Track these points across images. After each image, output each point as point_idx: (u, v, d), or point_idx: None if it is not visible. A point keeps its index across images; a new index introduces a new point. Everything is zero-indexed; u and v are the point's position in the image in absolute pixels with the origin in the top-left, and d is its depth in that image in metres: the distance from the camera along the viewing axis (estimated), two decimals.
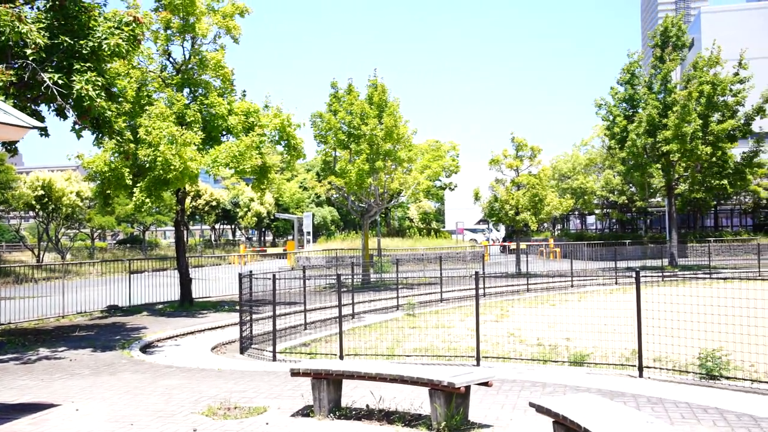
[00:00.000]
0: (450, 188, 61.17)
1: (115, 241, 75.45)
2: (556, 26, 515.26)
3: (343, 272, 29.06)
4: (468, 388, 7.19)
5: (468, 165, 66.46)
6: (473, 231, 67.92)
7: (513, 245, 39.96)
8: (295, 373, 8.32)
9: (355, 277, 26.59)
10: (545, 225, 61.13)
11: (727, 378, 9.65)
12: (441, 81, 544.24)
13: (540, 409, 6.05)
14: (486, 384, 7.38)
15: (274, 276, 13.43)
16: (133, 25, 14.44)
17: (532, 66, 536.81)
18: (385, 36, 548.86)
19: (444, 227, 75.30)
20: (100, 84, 13.47)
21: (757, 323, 10.69)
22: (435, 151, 39.06)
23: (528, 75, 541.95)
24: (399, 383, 7.60)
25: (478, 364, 11.47)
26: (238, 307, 15.63)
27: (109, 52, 13.93)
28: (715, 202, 47.09)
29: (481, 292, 24.02)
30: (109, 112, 14.08)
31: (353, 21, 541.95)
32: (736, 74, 33.91)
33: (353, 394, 8.90)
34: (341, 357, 12.45)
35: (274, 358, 13.23)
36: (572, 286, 27.31)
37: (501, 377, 9.95)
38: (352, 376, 7.87)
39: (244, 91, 23.16)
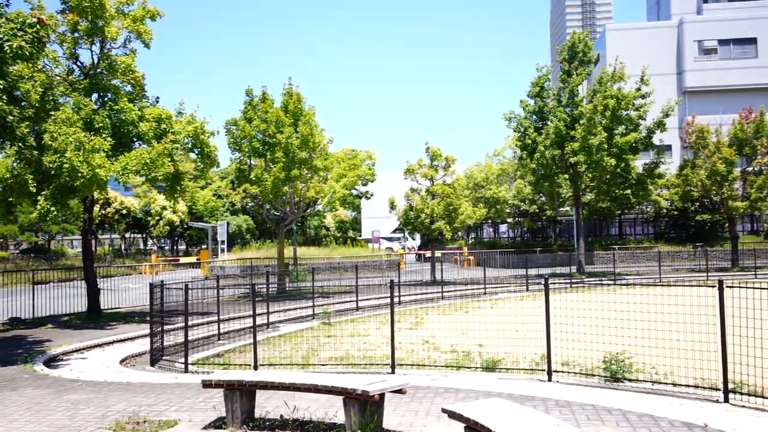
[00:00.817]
0: (366, 197, 61.47)
1: (18, 251, 72.11)
2: (470, 39, 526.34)
3: (258, 281, 28.75)
4: (382, 395, 7.24)
5: (384, 174, 66.93)
6: (389, 239, 68.36)
7: (428, 253, 40.44)
8: (207, 385, 8.18)
9: (270, 286, 26.34)
10: (459, 233, 62.17)
11: (630, 380, 10.06)
12: (358, 91, 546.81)
13: (452, 415, 6.16)
14: (400, 391, 7.46)
15: (186, 286, 13.17)
16: (38, 27, 13.89)
17: (448, 77, 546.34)
18: (301, 44, 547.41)
19: (360, 236, 75.53)
20: (0, 87, 12.90)
21: (658, 327, 11.21)
22: (351, 160, 39.21)
23: (443, 86, 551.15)
24: (313, 392, 7.58)
25: (393, 372, 11.56)
26: (149, 318, 15.22)
27: (11, 54, 13.36)
28: (619, 212, 48.96)
29: (396, 300, 24.29)
30: (11, 117, 13.49)
31: (269, 28, 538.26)
32: (638, 89, 35.49)
33: (267, 405, 8.82)
34: (255, 367, 12.31)
35: (186, 370, 12.95)
36: (485, 293, 27.86)
37: (415, 384, 10.06)
38: (265, 386, 7.80)
39: (157, 97, 22.65)
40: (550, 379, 10.50)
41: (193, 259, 52.40)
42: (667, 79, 59.09)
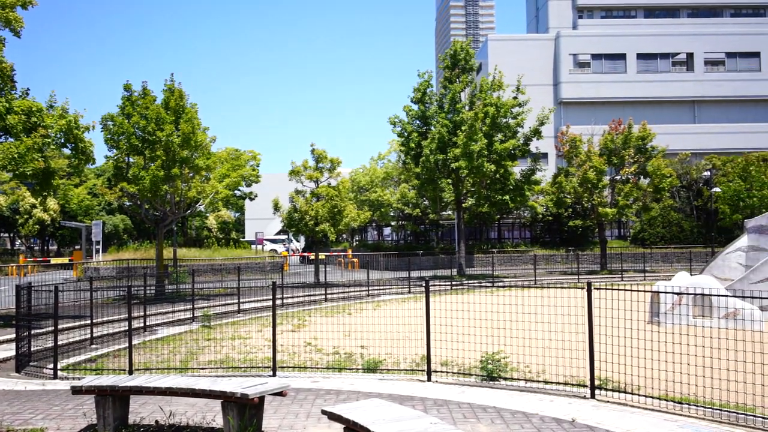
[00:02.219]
0: (250, 198, 60.62)
1: None
2: (357, 42, 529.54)
3: (136, 283, 27.71)
4: (262, 398, 7.16)
5: (269, 175, 66.22)
6: (273, 241, 67.63)
7: (312, 255, 40.33)
8: (77, 391, 7.81)
9: (148, 288, 25.46)
10: (344, 236, 62.37)
11: (506, 379, 10.42)
12: (242, 90, 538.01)
13: (332, 416, 6.17)
14: (281, 394, 7.39)
15: (56, 288, 12.52)
16: None
17: (335, 80, 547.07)
18: (184, 41, 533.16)
19: (244, 237, 74.31)
20: None
21: (532, 327, 11.67)
22: (235, 159, 38.52)
23: (330, 89, 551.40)
24: (191, 397, 7.40)
25: (274, 375, 11.44)
26: (14, 322, 14.35)
27: None
28: (498, 216, 50.62)
29: (279, 302, 24.10)
30: None
31: (150, 22, 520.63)
32: (516, 98, 36.86)
33: (142, 411, 8.52)
34: (131, 372, 11.87)
35: (56, 376, 12.31)
36: (369, 295, 28.08)
37: (297, 386, 10.01)
38: (140, 391, 7.53)
39: (27, 89, 21.42)
40: (429, 379, 10.70)
41: (65, 260, 49.85)
42: (544, 90, 61.74)
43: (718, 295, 14.15)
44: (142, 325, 18.07)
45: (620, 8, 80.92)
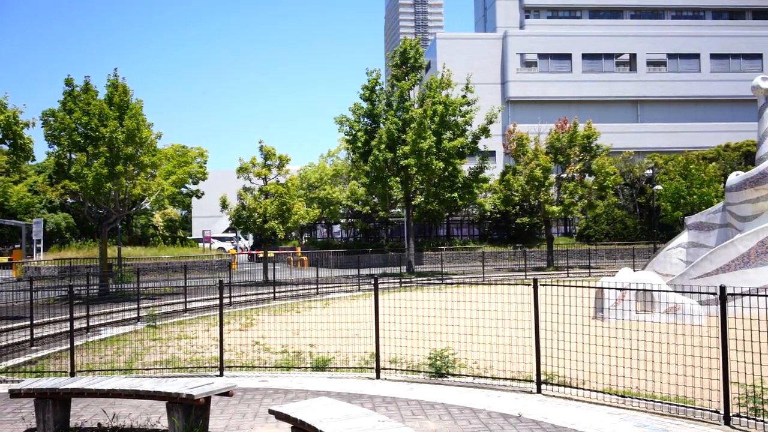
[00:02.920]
0: (197, 195, 59.72)
1: None
2: (307, 39, 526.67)
3: (78, 283, 27.07)
4: (208, 399, 7.05)
5: (216, 172, 65.45)
6: (221, 239, 66.88)
7: (261, 253, 40.00)
8: (15, 394, 7.57)
9: (91, 288, 24.87)
10: (293, 234, 62.04)
11: (454, 375, 10.48)
12: (190, 86, 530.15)
13: (279, 416, 6.11)
14: (227, 394, 7.29)
15: None
16: None
17: (284, 77, 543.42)
18: (129, 35, 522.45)
19: (191, 235, 73.27)
20: None
21: (480, 324, 11.76)
22: (181, 156, 37.99)
23: (279, 86, 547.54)
24: (135, 398, 7.25)
25: (221, 375, 11.30)
26: None
27: None
28: (447, 214, 50.98)
29: (227, 301, 23.81)
30: None
31: (95, 17, 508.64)
32: (464, 97, 37.14)
33: (84, 414, 8.32)
34: (72, 374, 11.57)
35: None
36: (318, 293, 27.97)
37: (244, 386, 9.90)
38: (82, 393, 7.34)
39: None
40: (378, 377, 10.70)
41: (4, 260, 48.39)
42: (492, 89, 62.43)
43: (660, 291, 14.51)
44: (84, 325, 17.65)
45: (566, 9, 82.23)
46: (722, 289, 7.86)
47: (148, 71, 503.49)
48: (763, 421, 7.47)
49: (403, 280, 31.52)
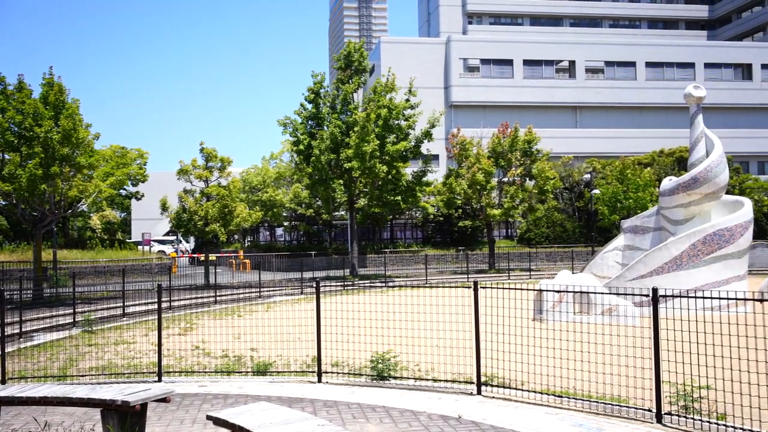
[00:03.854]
0: (137, 197, 58.32)
1: None
2: (251, 40, 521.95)
3: (11, 287, 26.23)
4: (144, 405, 6.91)
5: (157, 174, 64.18)
6: (162, 242, 65.65)
7: (202, 257, 39.42)
8: None
9: (25, 292, 24.13)
10: (235, 236, 61.35)
11: (395, 378, 10.52)
12: (130, 87, 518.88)
13: (217, 422, 6.03)
14: (165, 400, 7.17)
15: None
16: None
17: (227, 78, 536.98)
18: (65, 34, 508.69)
19: (130, 238, 71.69)
20: None
21: (422, 326, 11.84)
22: (120, 158, 37.02)
23: (222, 87, 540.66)
24: (68, 406, 7.06)
25: (159, 380, 11.09)
26: None
27: None
28: (391, 217, 51.15)
29: (167, 305, 23.41)
30: None
31: (30, 15, 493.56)
32: (408, 101, 37.34)
33: (15, 422, 8.06)
34: (3, 381, 11.20)
35: None
36: (260, 296, 27.72)
37: (183, 392, 9.74)
38: (12, 401, 7.12)
39: None
40: (320, 381, 10.67)
41: None
42: (436, 93, 62.92)
43: (597, 293, 14.85)
44: (17, 331, 17.10)
45: (508, 15, 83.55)
46: (654, 291, 8.10)
47: (86, 70, 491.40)
48: (693, 418, 7.71)
49: (346, 283, 31.48)
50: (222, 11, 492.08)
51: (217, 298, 26.31)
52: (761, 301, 7.82)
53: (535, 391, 9.09)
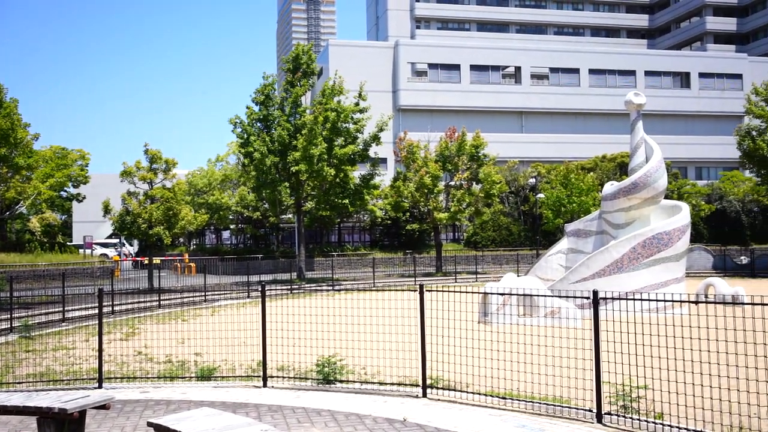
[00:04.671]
0: (78, 199, 57.18)
1: None
2: (197, 42, 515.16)
3: None
4: (83, 412, 6.75)
5: (99, 176, 62.93)
6: (104, 245, 64.25)
7: (146, 260, 38.71)
8: None
9: None
10: (181, 240, 60.43)
11: (341, 381, 10.51)
12: (72, 87, 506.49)
13: (158, 428, 5.93)
14: (104, 407, 7.01)
15: None
16: None
17: (171, 79, 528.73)
18: (3, 33, 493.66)
19: (71, 241, 69.97)
20: None
21: (369, 330, 11.84)
22: (61, 159, 36.31)
23: (165, 88, 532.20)
24: (3, 414, 6.84)
25: (100, 387, 10.85)
26: None
27: None
28: (339, 220, 51.08)
29: (109, 309, 22.90)
30: None
31: None
32: (357, 104, 37.35)
33: None
34: None
35: None
36: (206, 300, 27.36)
37: (124, 398, 9.55)
38: None
39: None
40: (265, 385, 10.59)
41: None
42: (384, 96, 63.10)
43: (540, 295, 15.08)
44: None
45: (455, 21, 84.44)
46: (594, 293, 8.27)
47: (25, 70, 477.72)
48: (632, 418, 7.90)
49: (293, 286, 31.31)
50: (166, 9, 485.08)
51: (161, 303, 25.87)
52: (696, 302, 8.07)
53: (479, 393, 9.18)
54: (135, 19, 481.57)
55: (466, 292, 9.92)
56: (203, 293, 28.01)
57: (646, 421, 7.76)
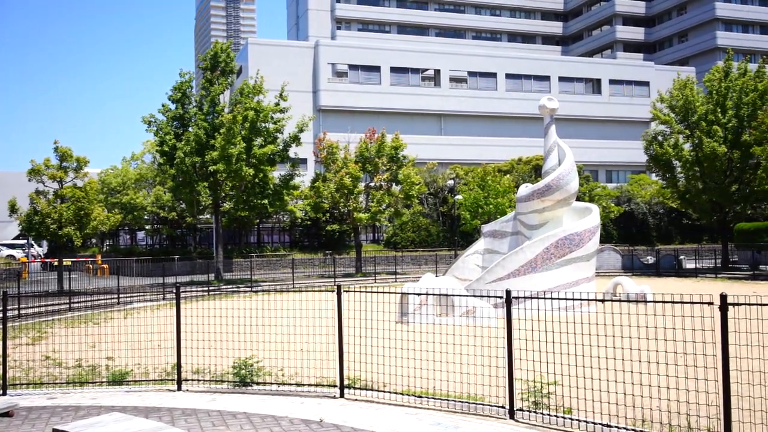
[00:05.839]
0: None
1: None
2: (109, 36, 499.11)
3: None
4: None
5: (5, 174, 60.32)
6: (11, 246, 61.63)
7: (56, 261, 37.30)
8: None
9: None
10: (93, 240, 58.49)
11: (258, 383, 10.42)
12: None
13: None
14: (8, 414, 6.76)
15: None
16: None
17: (82, 74, 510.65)
18: None
19: None
20: None
21: (288, 331, 11.80)
22: None
23: (77, 84, 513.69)
24: None
25: (4, 393, 10.41)
26: None
27: None
28: (258, 220, 50.52)
29: (15, 313, 21.95)
30: None
31: None
32: (277, 104, 37.06)
33: None
34: None
35: None
36: (119, 303, 26.62)
37: (30, 405, 9.20)
38: None
39: None
40: (180, 389, 10.40)
41: None
42: (304, 96, 62.81)
43: (457, 295, 15.35)
44: None
45: (376, 23, 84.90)
46: (507, 293, 8.50)
47: None
48: (542, 413, 8.16)
49: (210, 288, 30.79)
50: (82, 3, 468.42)
51: (72, 306, 25.01)
52: (603, 301, 8.40)
53: (396, 392, 9.28)
54: (44, 9, 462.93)
55: (385, 293, 10.01)
56: (116, 295, 27.23)
57: (555, 416, 8.02)
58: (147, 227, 54.05)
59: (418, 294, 12.49)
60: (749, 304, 6.73)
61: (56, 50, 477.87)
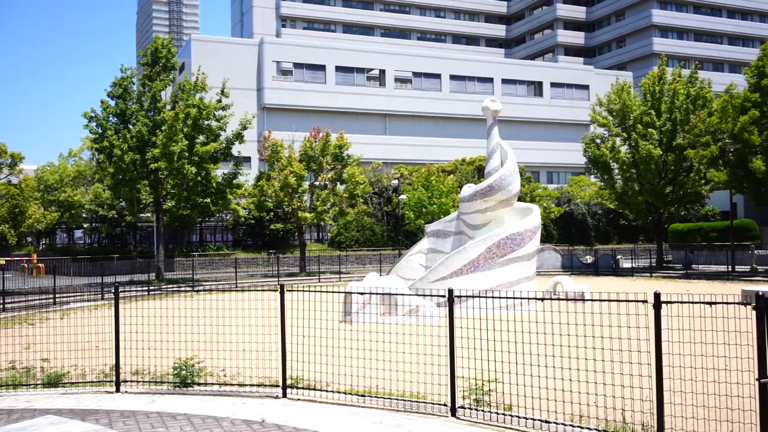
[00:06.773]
0: None
1: None
2: (46, 29, 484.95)
3: None
4: None
5: None
6: None
7: None
8: None
9: None
10: (28, 239, 56.78)
11: (199, 384, 10.29)
12: None
13: None
14: None
15: None
16: None
17: (20, 70, 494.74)
18: None
19: None
20: None
21: (230, 331, 11.70)
22: None
23: (13, 79, 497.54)
24: None
25: None
26: None
27: None
28: (200, 219, 49.84)
29: None
30: None
31: None
32: (220, 101, 36.59)
33: None
34: None
35: None
36: (56, 303, 25.94)
37: None
38: None
39: None
40: (118, 390, 10.21)
41: None
42: (249, 94, 62.25)
43: (401, 294, 15.44)
44: None
45: (321, 21, 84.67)
46: (450, 292, 8.60)
47: None
48: (483, 410, 8.28)
49: (151, 287, 30.22)
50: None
51: (5, 306, 24.31)
52: (543, 300, 8.58)
53: (339, 392, 9.29)
54: None
55: (328, 292, 10.02)
56: (53, 296, 26.53)
57: (496, 413, 8.15)
58: (85, 225, 52.79)
59: (362, 293, 12.54)
60: (682, 302, 6.96)
61: None
